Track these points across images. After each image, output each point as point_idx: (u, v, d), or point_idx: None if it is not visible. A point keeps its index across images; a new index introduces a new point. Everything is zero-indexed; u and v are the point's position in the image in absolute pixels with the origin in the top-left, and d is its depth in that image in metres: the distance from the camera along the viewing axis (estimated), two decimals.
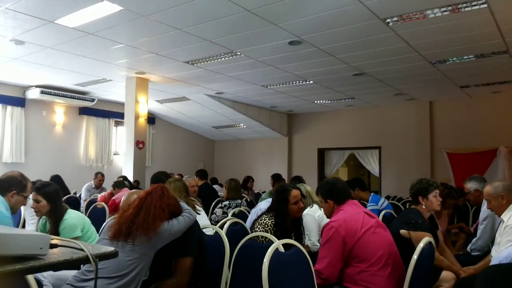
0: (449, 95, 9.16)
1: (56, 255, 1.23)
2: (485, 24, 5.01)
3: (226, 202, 4.74)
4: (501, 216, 3.12)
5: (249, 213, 4.38)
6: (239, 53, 6.34)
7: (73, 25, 5.20)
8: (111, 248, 1.35)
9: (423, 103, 9.86)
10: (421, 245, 2.40)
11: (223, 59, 6.62)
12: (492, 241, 3.55)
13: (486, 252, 3.66)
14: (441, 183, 4.67)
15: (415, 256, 2.33)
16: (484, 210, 3.77)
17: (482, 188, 3.95)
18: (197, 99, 9.80)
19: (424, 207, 3.19)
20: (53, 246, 1.25)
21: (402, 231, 3.07)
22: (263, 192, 7.54)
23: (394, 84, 8.19)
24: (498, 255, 2.50)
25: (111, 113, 10.65)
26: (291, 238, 2.92)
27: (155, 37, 5.65)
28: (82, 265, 2.34)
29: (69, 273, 2.33)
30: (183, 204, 2.52)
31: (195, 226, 2.48)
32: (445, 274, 2.92)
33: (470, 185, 4.13)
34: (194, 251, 2.40)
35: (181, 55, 6.50)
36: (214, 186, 7.89)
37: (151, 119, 11.30)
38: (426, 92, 8.93)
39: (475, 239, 3.84)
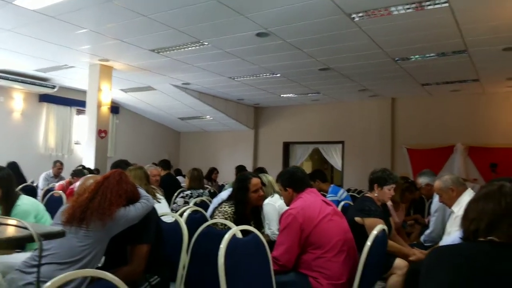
0: (410, 92, 9.42)
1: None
2: (446, 23, 5.16)
3: (188, 192, 4.71)
4: (452, 208, 3.26)
5: (211, 202, 4.37)
6: (206, 43, 6.28)
7: (33, 7, 5.00)
8: (58, 228, 1.32)
9: (386, 100, 10.11)
10: (374, 232, 2.46)
11: (190, 48, 6.54)
12: (443, 232, 3.70)
13: (438, 242, 3.80)
14: (402, 177, 4.84)
15: (368, 243, 2.40)
16: (435, 203, 3.93)
17: (433, 181, 4.12)
18: (163, 89, 9.65)
19: (376, 195, 3.29)
20: None
21: (357, 218, 3.16)
22: (227, 184, 7.55)
23: (358, 80, 8.35)
24: (445, 240, 2.62)
25: (72, 101, 10.32)
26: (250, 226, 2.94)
27: (121, 23, 5.51)
28: (33, 250, 2.26)
29: (19, 261, 2.25)
30: (141, 191, 2.49)
31: (152, 213, 2.45)
32: (398, 261, 3.02)
33: (422, 180, 4.30)
34: (151, 238, 2.37)
35: (146, 43, 6.38)
36: (178, 177, 7.82)
37: (115, 108, 11.04)
38: (389, 88, 9.15)
39: (427, 230, 4.00)
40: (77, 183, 5.17)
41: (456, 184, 3.25)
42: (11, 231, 1.22)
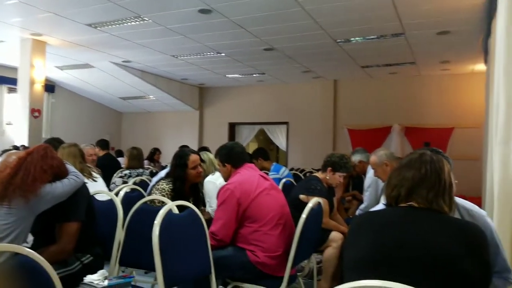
0: (352, 75, 9.69)
1: None
2: (385, 5, 5.31)
3: (127, 171, 4.58)
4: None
5: (151, 182, 4.27)
6: (147, 19, 6.06)
7: None
8: None
9: (328, 81, 10.33)
10: (309, 205, 2.52)
11: (129, 24, 6.27)
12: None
13: None
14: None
15: (303, 215, 2.45)
16: (368, 178, 4.10)
17: (365, 158, 4.30)
18: (101, 66, 9.23)
19: (327, 177, 3.39)
20: None
21: (302, 196, 3.23)
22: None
23: (302, 61, 8.44)
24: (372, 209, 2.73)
25: (2, 78, 9.61)
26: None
27: None
28: None
29: None
30: (70, 167, 2.37)
31: (82, 190, 2.35)
32: (334, 234, 3.13)
33: (354, 158, 4.47)
34: (81, 216, 2.28)
35: (83, 16, 6.04)
36: (119, 159, 7.57)
37: (50, 87, 10.44)
38: (331, 70, 9.35)
39: (362, 205, 4.17)
40: None
41: (390, 159, 3.40)
42: None
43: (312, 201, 2.56)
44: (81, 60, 8.87)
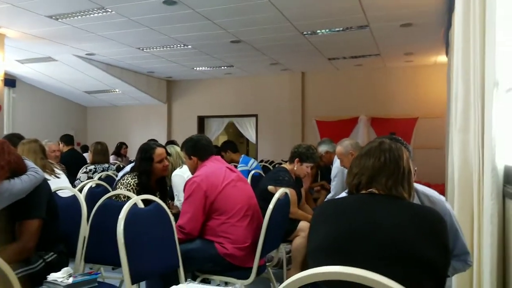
0: (319, 67, 9.77)
1: None
2: None
3: (92, 167, 4.48)
4: None
5: (117, 177, 4.20)
6: (110, 10, 5.90)
7: None
8: None
9: (296, 74, 10.39)
10: (276, 195, 2.54)
11: (92, 15, 6.09)
12: None
13: None
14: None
15: (270, 206, 2.47)
16: (335, 168, 4.17)
17: (331, 148, 4.37)
18: (64, 60, 8.94)
19: (295, 168, 3.42)
20: None
21: (270, 187, 3.26)
22: None
23: (269, 53, 8.45)
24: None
25: None
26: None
27: None
28: None
29: None
30: (29, 163, 2.29)
31: (43, 186, 2.27)
32: (302, 224, 3.17)
33: (321, 149, 4.54)
34: (42, 213, 2.21)
35: (42, 8, 5.82)
36: (85, 154, 7.40)
37: (11, 81, 10.04)
38: (298, 63, 9.40)
39: (329, 194, 4.23)
40: None
41: (355, 149, 3.47)
42: None
43: (279, 192, 2.58)
44: (43, 53, 8.56)
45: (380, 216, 1.39)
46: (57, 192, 2.66)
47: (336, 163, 3.95)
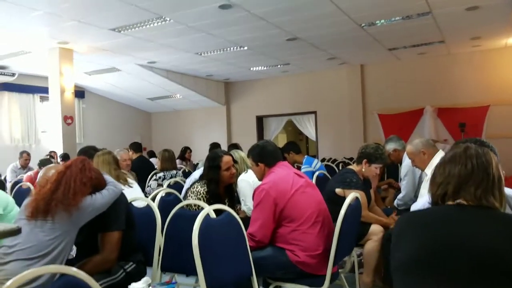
0: (378, 58, 9.45)
1: None
2: None
3: (161, 174, 4.63)
4: (425, 170, 3.30)
5: (185, 183, 4.31)
6: (168, 19, 6.08)
7: None
8: (13, 225, 1.24)
9: (354, 67, 10.12)
10: (348, 200, 2.47)
11: (152, 25, 6.32)
12: (416, 195, 3.77)
13: (410, 205, 3.88)
14: (375, 143, 4.88)
15: (342, 212, 2.40)
16: (404, 166, 3.99)
17: (399, 146, 4.18)
18: (128, 69, 9.36)
19: (363, 170, 3.31)
20: None
21: (338, 190, 3.18)
22: (201, 161, 7.47)
23: (326, 48, 8.30)
24: (415, 204, 2.65)
25: (35, 88, 9.91)
26: (224, 205, 2.90)
27: (76, 2, 5.28)
28: None
29: None
30: (107, 177, 2.40)
31: (121, 198, 2.38)
32: (374, 227, 3.06)
33: (389, 147, 4.34)
34: (121, 225, 2.31)
35: (106, 22, 6.13)
36: (151, 159, 7.69)
37: (80, 92, 10.69)
38: (357, 55, 9.15)
39: (400, 195, 4.06)
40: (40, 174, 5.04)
41: (427, 147, 3.29)
42: None
43: (350, 197, 2.50)
44: (108, 65, 9.02)
45: (472, 229, 1.29)
46: (132, 202, 2.76)
47: (406, 161, 3.77)
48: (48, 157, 6.06)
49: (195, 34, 6.88)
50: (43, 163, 5.50)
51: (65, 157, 7.18)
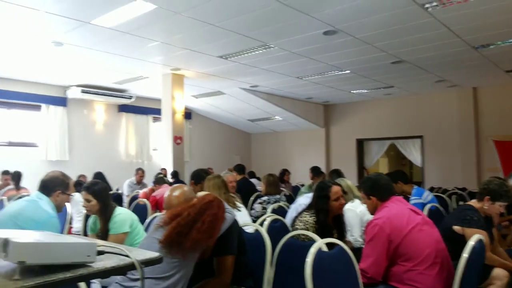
0: (494, 80, 8.73)
1: (103, 262, 1.23)
2: None
3: (265, 198, 4.72)
4: None
5: (288, 208, 4.34)
6: (272, 46, 6.28)
7: (109, 25, 5.31)
8: (156, 254, 1.35)
9: (466, 90, 9.45)
10: (471, 242, 2.28)
11: (256, 52, 6.58)
12: None
13: None
14: (497, 177, 4.46)
15: (465, 255, 2.22)
16: None
17: None
18: (232, 92, 9.82)
19: (486, 207, 3.05)
20: (99, 253, 1.26)
21: (456, 227, 2.93)
22: (302, 185, 7.47)
23: (434, 71, 7.89)
24: None
25: (148, 109, 10.85)
26: (332, 235, 2.87)
27: (188, 33, 5.69)
28: None
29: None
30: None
31: (234, 224, 2.47)
32: (498, 271, 2.78)
33: None
34: (234, 250, 2.39)
35: (214, 49, 6.52)
36: (251, 180, 7.89)
37: (188, 114, 11.42)
38: (469, 78, 8.55)
39: None
40: (159, 191, 5.43)
41: None
42: (113, 259, 1.26)
43: (474, 238, 2.31)
44: (214, 88, 9.55)
45: None
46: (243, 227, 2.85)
47: None
48: (162, 175, 6.53)
49: (297, 59, 7.00)
50: (157, 181, 5.94)
51: (175, 174, 7.70)
